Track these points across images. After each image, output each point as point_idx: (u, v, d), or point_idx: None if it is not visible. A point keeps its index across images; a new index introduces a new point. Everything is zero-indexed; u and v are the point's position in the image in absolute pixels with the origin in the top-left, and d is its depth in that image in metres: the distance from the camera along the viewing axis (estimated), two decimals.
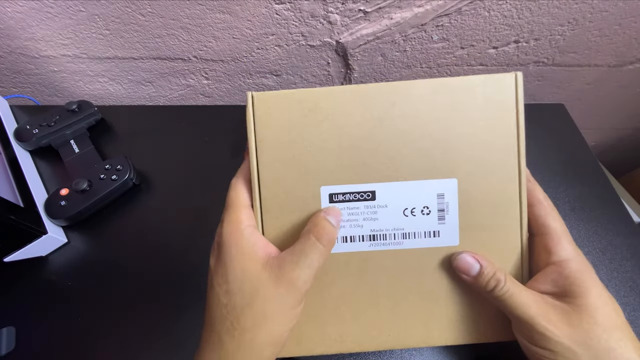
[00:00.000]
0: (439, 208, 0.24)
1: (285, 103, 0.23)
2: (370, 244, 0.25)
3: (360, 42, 0.50)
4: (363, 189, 0.24)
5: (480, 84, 0.23)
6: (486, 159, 0.23)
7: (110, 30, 0.48)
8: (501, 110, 0.23)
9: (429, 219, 0.24)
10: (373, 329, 0.26)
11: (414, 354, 0.30)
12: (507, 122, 0.23)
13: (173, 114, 0.50)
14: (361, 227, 0.24)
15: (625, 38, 0.52)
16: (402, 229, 0.24)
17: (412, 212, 0.24)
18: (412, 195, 0.24)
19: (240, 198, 0.23)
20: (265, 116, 0.23)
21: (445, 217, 0.24)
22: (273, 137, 0.23)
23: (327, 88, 0.23)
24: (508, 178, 0.24)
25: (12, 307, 0.34)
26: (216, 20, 0.47)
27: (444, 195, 0.24)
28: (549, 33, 0.50)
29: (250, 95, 0.23)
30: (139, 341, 0.32)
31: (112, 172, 0.40)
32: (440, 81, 0.23)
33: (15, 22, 0.46)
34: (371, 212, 0.24)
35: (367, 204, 0.24)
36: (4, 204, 0.32)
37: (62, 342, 0.32)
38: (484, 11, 0.47)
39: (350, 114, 0.23)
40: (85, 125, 0.46)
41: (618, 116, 0.70)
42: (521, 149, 0.23)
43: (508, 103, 0.23)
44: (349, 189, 0.24)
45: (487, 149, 0.23)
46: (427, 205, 0.24)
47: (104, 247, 0.38)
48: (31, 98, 0.54)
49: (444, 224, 0.24)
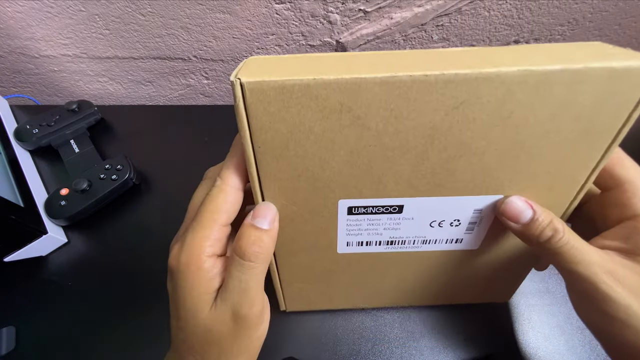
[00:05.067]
0: (470, 221, 0.21)
1: (296, 99, 0.15)
2: (386, 247, 0.23)
3: (361, 41, 0.50)
4: (389, 203, 0.20)
5: (601, 78, 0.15)
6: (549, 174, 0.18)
7: (110, 30, 0.48)
8: (610, 117, 0.16)
9: (456, 229, 0.21)
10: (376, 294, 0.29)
11: (414, 353, 0.30)
12: (606, 130, 0.17)
13: (173, 114, 0.50)
14: (380, 235, 0.22)
15: (625, 38, 0.52)
16: (423, 237, 0.22)
17: (439, 225, 0.21)
18: (445, 210, 0.20)
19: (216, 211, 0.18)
20: (264, 116, 0.16)
21: (474, 229, 0.22)
22: (278, 145, 0.17)
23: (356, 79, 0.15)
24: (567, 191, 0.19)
25: (12, 307, 0.33)
26: (216, 20, 0.47)
27: (482, 210, 0.20)
28: (549, 33, 0.50)
29: (238, 85, 0.15)
30: (139, 341, 0.32)
31: (112, 172, 0.40)
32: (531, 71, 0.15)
33: (15, 22, 0.46)
34: (394, 223, 0.21)
35: (391, 216, 0.21)
36: (4, 204, 0.32)
37: (62, 342, 0.32)
38: (484, 11, 0.47)
39: (390, 121, 0.16)
40: (85, 125, 0.46)
41: None
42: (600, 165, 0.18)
43: (623, 109, 0.16)
44: (372, 202, 0.20)
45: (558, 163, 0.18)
46: (459, 219, 0.21)
47: (104, 247, 0.38)
48: (31, 98, 0.54)
49: (470, 234, 0.22)
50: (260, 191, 0.19)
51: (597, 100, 0.16)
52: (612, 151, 0.18)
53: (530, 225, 0.19)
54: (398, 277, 0.27)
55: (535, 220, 0.19)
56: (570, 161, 0.18)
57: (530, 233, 0.19)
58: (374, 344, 0.30)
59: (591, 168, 0.18)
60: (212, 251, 0.18)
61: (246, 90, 0.15)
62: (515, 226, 0.19)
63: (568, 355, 0.29)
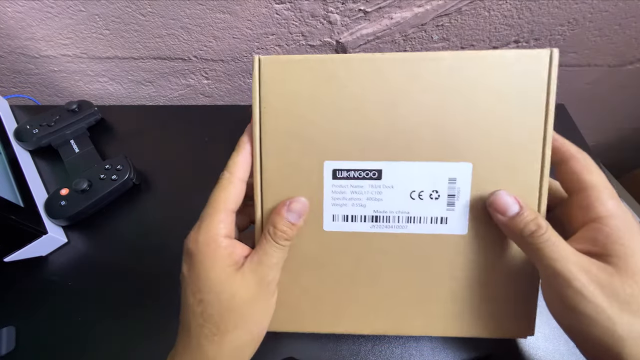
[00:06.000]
0: (449, 193, 0.23)
1: (297, 70, 0.22)
2: (372, 225, 0.23)
3: (361, 42, 0.50)
4: (369, 167, 0.23)
5: (513, 59, 0.21)
6: (509, 142, 0.22)
7: (111, 30, 0.48)
8: (531, 89, 0.21)
9: (437, 204, 0.23)
10: (370, 312, 0.25)
11: (414, 353, 0.30)
12: (536, 102, 0.21)
13: (173, 114, 0.50)
14: (364, 207, 0.23)
15: (625, 38, 0.52)
16: (407, 212, 0.23)
17: (419, 196, 0.23)
18: (421, 178, 0.22)
19: (227, 199, 0.22)
20: (272, 82, 0.22)
21: (455, 204, 0.23)
22: (280, 106, 0.22)
23: (344, 56, 0.22)
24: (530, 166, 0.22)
25: (12, 307, 0.34)
26: (216, 20, 0.47)
27: (456, 180, 0.22)
28: (549, 33, 0.50)
29: (257, 59, 0.22)
30: (139, 341, 0.32)
31: (112, 172, 0.40)
32: (469, 54, 0.21)
33: (15, 22, 0.46)
34: (376, 192, 0.23)
35: (372, 183, 0.23)
36: (4, 204, 0.32)
37: (62, 342, 0.32)
38: (484, 11, 0.47)
39: (368, 86, 0.22)
40: (85, 125, 0.46)
41: (618, 116, 0.70)
42: (548, 133, 0.21)
43: (539, 81, 0.21)
44: (354, 165, 0.23)
45: (512, 131, 0.21)
46: (437, 190, 0.23)
47: (104, 247, 0.38)
48: (31, 98, 0.54)
49: (452, 211, 0.23)
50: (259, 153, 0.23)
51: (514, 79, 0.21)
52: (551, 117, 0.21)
53: (515, 219, 0.20)
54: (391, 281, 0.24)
55: (521, 214, 0.20)
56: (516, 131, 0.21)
57: (514, 226, 0.20)
58: (374, 344, 0.30)
59: (540, 138, 0.21)
60: (225, 232, 0.21)
61: (262, 62, 0.22)
62: (502, 218, 0.21)
63: (568, 356, 0.29)
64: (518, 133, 0.21)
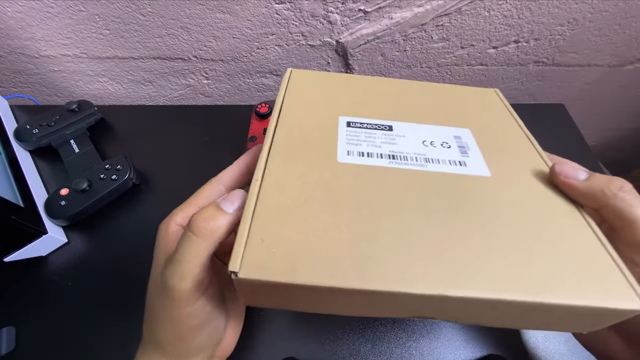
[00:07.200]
0: (459, 145, 0.23)
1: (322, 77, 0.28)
2: (389, 162, 0.21)
3: (360, 41, 0.50)
4: (381, 123, 0.24)
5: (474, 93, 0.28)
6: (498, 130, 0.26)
7: (110, 30, 0.48)
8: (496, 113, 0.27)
9: (451, 151, 0.23)
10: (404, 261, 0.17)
11: (414, 353, 0.30)
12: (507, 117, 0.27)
13: (173, 114, 0.50)
14: (379, 147, 0.22)
15: (625, 38, 0.52)
16: (424, 154, 0.22)
17: (431, 144, 0.23)
18: (430, 133, 0.24)
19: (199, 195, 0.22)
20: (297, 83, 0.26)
21: (468, 152, 0.23)
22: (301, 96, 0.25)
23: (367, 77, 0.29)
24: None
25: (12, 307, 0.34)
26: (216, 20, 0.47)
27: (461, 137, 0.24)
28: (549, 33, 0.50)
29: (289, 71, 0.27)
30: (139, 341, 0.32)
31: (112, 172, 0.40)
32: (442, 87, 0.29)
33: (15, 22, 0.46)
34: (389, 138, 0.23)
35: (384, 132, 0.24)
36: (4, 204, 0.32)
37: (62, 342, 0.32)
38: (484, 11, 0.47)
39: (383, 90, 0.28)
40: (85, 125, 0.46)
41: (618, 116, 0.70)
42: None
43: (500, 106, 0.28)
44: (367, 120, 0.24)
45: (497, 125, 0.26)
46: (447, 141, 0.24)
47: (104, 247, 0.38)
48: (31, 98, 0.54)
49: (467, 157, 0.23)
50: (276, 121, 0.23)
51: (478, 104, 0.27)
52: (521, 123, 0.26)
53: (591, 180, 0.19)
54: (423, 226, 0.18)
55: (594, 175, 0.19)
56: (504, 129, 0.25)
57: (597, 185, 0.19)
58: (373, 344, 0.30)
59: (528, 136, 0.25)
60: (181, 222, 0.21)
61: (292, 73, 0.27)
62: (573, 182, 0.19)
63: (568, 355, 0.29)
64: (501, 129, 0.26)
